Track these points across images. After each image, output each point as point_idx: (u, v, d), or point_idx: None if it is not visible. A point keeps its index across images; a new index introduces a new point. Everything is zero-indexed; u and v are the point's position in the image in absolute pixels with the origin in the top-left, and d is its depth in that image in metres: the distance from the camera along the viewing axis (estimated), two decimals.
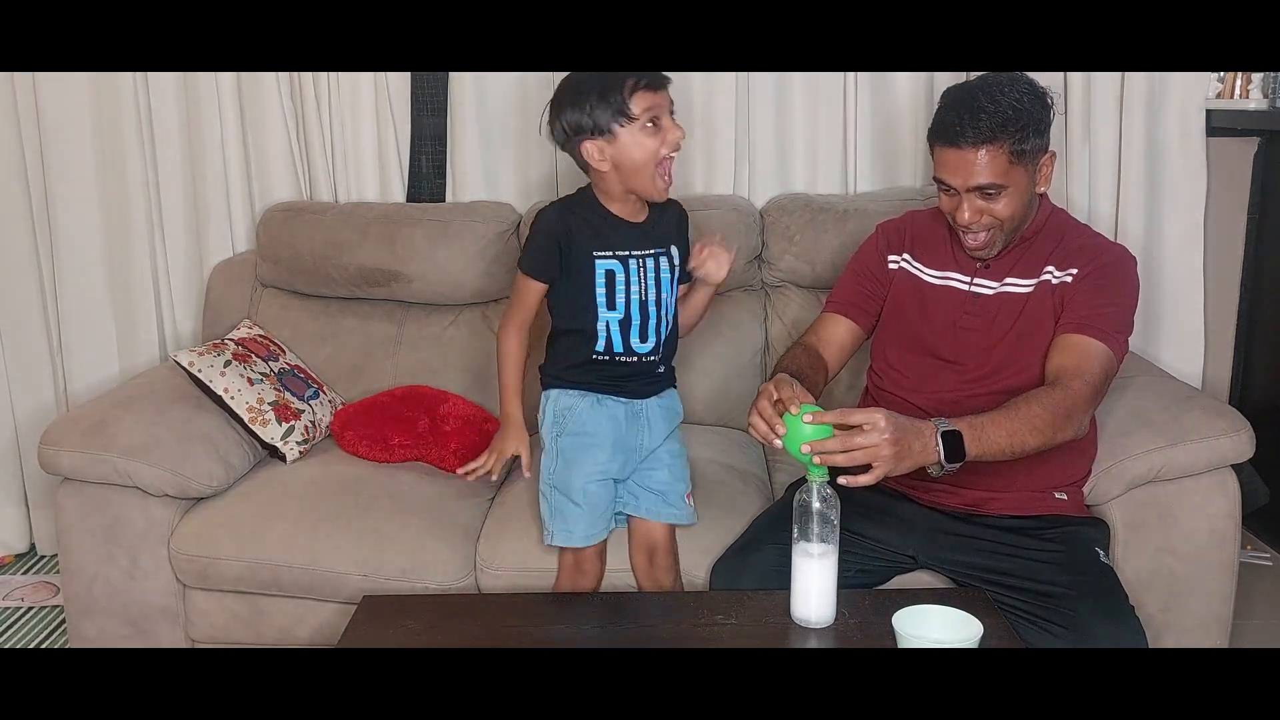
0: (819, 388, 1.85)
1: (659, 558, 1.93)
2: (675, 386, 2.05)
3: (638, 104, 1.78)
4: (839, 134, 2.65)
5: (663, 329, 1.94)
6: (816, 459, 1.52)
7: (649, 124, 1.78)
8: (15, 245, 2.75)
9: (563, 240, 1.89)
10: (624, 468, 1.94)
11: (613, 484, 1.94)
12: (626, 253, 1.89)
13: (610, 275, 1.88)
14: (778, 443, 1.58)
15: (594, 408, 1.93)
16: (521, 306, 1.95)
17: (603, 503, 1.92)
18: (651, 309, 1.91)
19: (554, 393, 1.96)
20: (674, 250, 1.94)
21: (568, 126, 1.82)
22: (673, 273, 1.94)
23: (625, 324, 1.90)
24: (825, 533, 1.54)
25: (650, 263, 1.90)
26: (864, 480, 1.54)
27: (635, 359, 1.92)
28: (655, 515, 1.94)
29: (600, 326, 1.90)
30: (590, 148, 1.81)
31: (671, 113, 1.83)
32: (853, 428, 1.54)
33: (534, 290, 1.93)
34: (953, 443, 1.58)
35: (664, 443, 1.98)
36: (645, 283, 1.90)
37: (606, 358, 1.92)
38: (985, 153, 1.70)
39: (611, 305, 1.89)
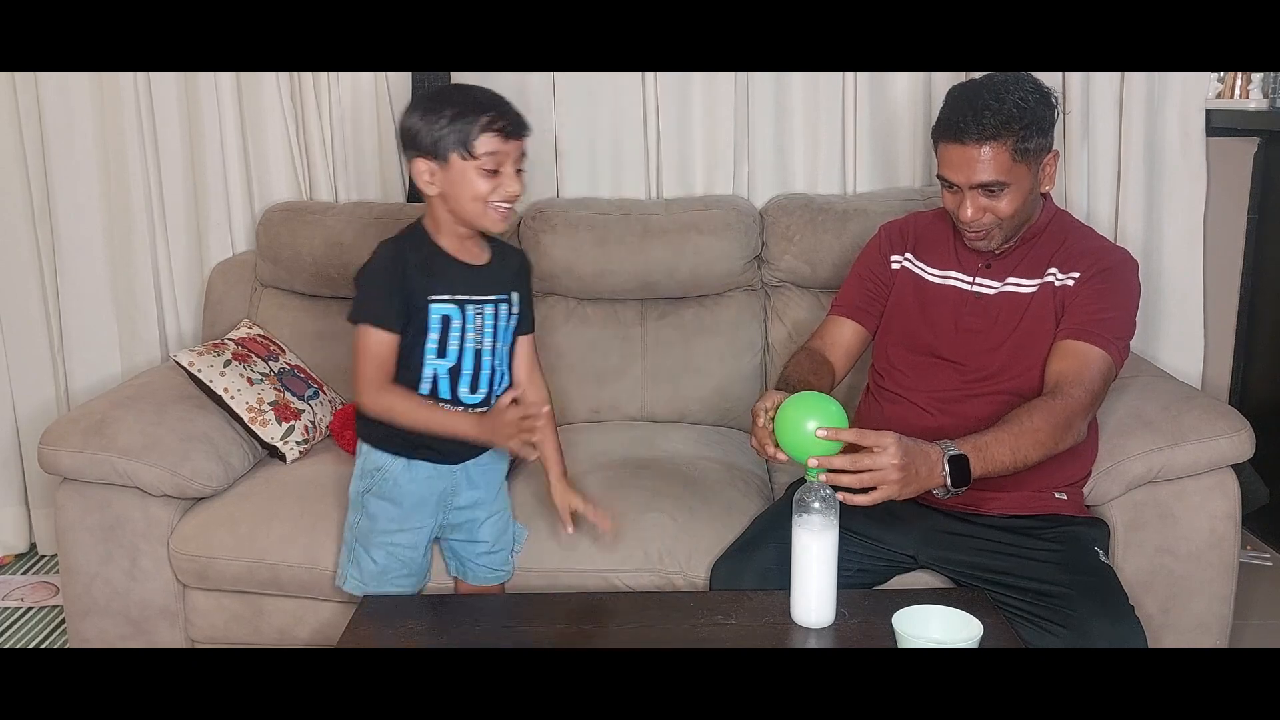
0: (826, 392, 1.84)
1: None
2: None
3: (482, 145, 1.65)
4: (838, 134, 2.65)
5: (495, 380, 1.81)
6: (823, 477, 1.51)
7: (487, 169, 1.66)
8: (17, 245, 2.75)
9: (402, 284, 1.72)
10: (434, 531, 1.86)
11: (423, 547, 1.86)
12: (465, 296, 1.75)
13: (445, 320, 1.74)
14: (782, 456, 1.59)
15: (405, 472, 1.81)
16: (379, 367, 1.72)
17: (404, 566, 1.84)
18: (486, 358, 1.79)
19: (366, 448, 1.83)
20: (514, 297, 1.82)
21: (407, 133, 1.69)
22: (510, 321, 1.82)
23: (455, 373, 1.77)
24: (825, 531, 1.54)
25: (489, 309, 1.78)
26: (862, 501, 1.53)
27: (461, 408, 1.78)
28: (480, 580, 1.92)
29: (426, 374, 1.76)
30: (422, 166, 1.69)
31: (520, 168, 1.70)
32: (863, 448, 1.53)
33: (386, 343, 1.71)
34: (959, 467, 1.59)
35: (487, 505, 1.89)
36: (482, 330, 1.78)
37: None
38: (989, 149, 1.71)
39: (442, 352, 1.75)
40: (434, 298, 1.73)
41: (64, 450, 2.07)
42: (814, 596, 1.56)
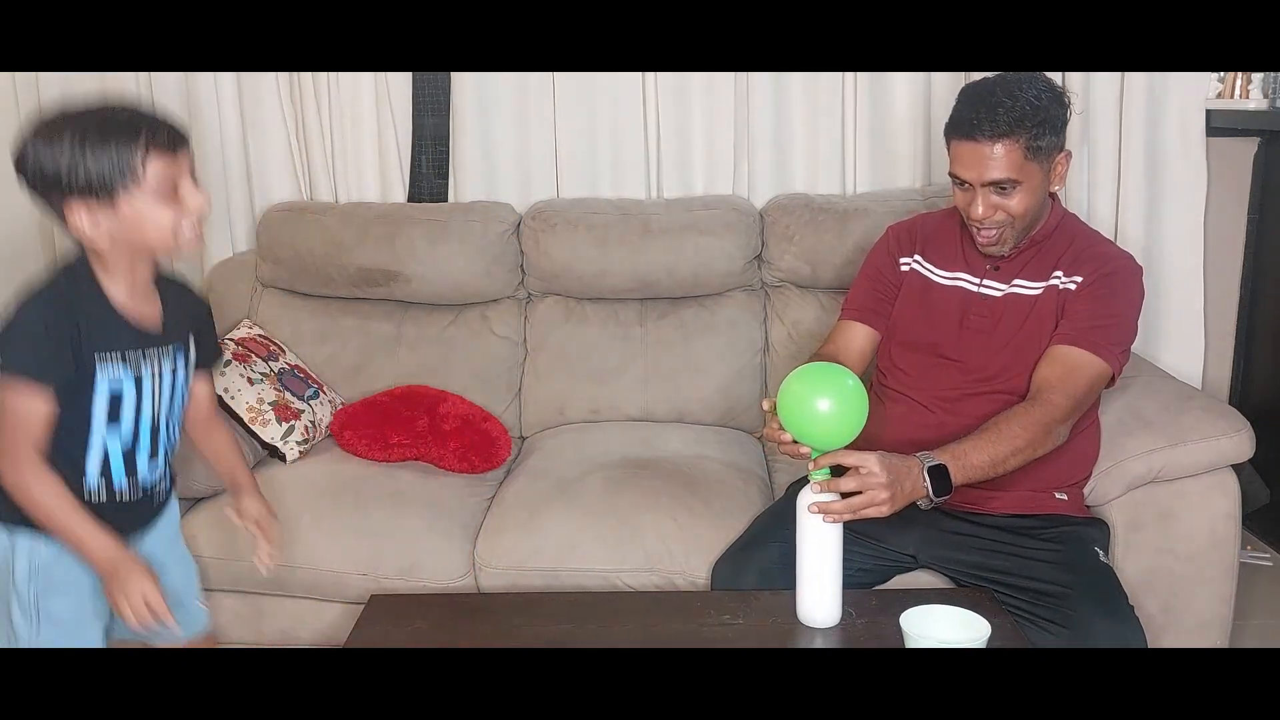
0: None
1: None
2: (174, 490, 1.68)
3: (153, 169, 1.36)
4: (838, 134, 2.65)
5: (172, 443, 1.58)
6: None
7: (164, 194, 1.37)
8: (19, 245, 2.74)
9: (74, 340, 1.39)
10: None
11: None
12: (140, 363, 1.46)
13: (119, 390, 1.45)
14: (804, 449, 1.57)
15: (64, 555, 1.48)
16: (28, 433, 1.39)
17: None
18: (163, 426, 1.54)
19: (24, 540, 1.47)
20: (190, 344, 1.57)
21: (36, 172, 1.34)
22: (187, 375, 1.56)
23: (131, 454, 1.51)
24: (830, 530, 1.53)
25: (167, 371, 1.51)
26: (848, 518, 1.54)
27: (140, 494, 1.54)
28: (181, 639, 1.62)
29: (94, 451, 1.47)
30: (80, 212, 1.35)
31: (193, 173, 1.43)
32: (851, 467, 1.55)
33: (41, 409, 1.38)
34: (940, 477, 1.61)
35: (168, 555, 1.63)
36: (160, 398, 1.51)
37: (102, 499, 1.50)
38: (1001, 147, 1.71)
39: (114, 424, 1.48)
40: (105, 364, 1.43)
41: None
42: (820, 596, 1.56)
